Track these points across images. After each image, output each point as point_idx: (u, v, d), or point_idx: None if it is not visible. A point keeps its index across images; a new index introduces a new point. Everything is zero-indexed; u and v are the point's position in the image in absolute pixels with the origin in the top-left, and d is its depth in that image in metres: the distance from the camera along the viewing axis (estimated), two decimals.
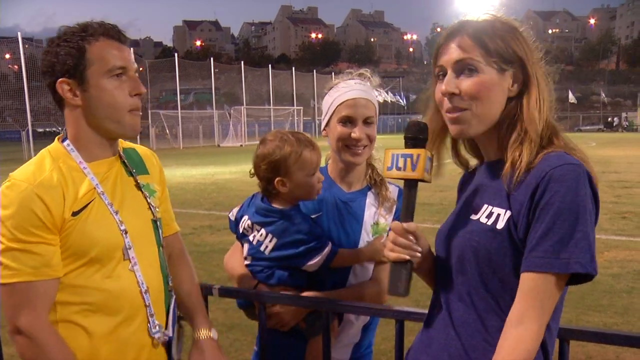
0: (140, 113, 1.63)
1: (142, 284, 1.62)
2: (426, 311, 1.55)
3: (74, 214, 1.52)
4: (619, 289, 5.71)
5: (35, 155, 1.64)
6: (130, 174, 1.71)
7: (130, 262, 1.60)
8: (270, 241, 1.88)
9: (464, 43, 1.33)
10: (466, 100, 1.33)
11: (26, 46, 31.55)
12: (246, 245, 1.98)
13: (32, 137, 28.97)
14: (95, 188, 1.57)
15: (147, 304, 1.62)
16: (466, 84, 1.32)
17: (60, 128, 34.57)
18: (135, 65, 1.62)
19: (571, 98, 59.58)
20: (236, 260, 2.04)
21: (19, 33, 30.01)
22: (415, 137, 1.38)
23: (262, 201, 1.95)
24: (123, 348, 1.60)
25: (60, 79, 1.54)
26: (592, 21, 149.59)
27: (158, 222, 1.74)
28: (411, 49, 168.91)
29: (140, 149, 1.83)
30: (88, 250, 1.53)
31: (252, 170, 1.94)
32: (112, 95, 1.55)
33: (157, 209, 1.74)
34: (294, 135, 1.91)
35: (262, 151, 1.88)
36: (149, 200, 1.72)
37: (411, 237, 1.37)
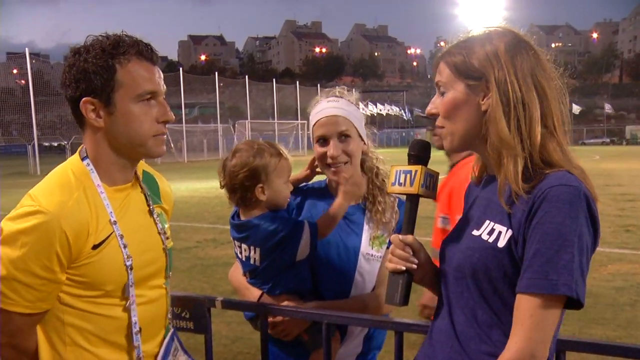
0: (165, 138, 1.57)
1: (135, 324, 1.53)
2: (425, 323, 1.57)
3: (94, 247, 1.45)
4: (622, 302, 5.70)
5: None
6: (146, 199, 1.64)
7: (128, 300, 1.51)
8: (255, 252, 1.90)
9: (440, 67, 1.42)
10: (441, 119, 1.42)
11: (33, 61, 31.84)
12: (239, 263, 2.01)
13: (37, 151, 29.10)
14: (110, 217, 1.49)
15: (136, 345, 1.54)
16: (439, 104, 1.41)
17: (65, 142, 34.75)
18: (165, 88, 1.54)
19: (575, 109, 59.69)
20: (239, 275, 2.07)
21: (26, 49, 30.33)
22: (417, 155, 1.46)
23: (232, 219, 1.98)
24: None
25: (85, 98, 1.44)
26: (594, 35, 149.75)
27: (167, 252, 1.66)
28: (415, 63, 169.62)
29: (159, 178, 1.77)
30: (104, 285, 1.48)
31: (224, 181, 1.92)
32: (138, 121, 1.47)
33: (167, 239, 1.67)
34: (269, 144, 1.95)
35: (239, 160, 1.88)
36: (159, 228, 1.64)
37: (408, 249, 1.44)
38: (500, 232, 1.30)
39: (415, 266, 1.44)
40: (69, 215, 1.40)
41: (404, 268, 1.42)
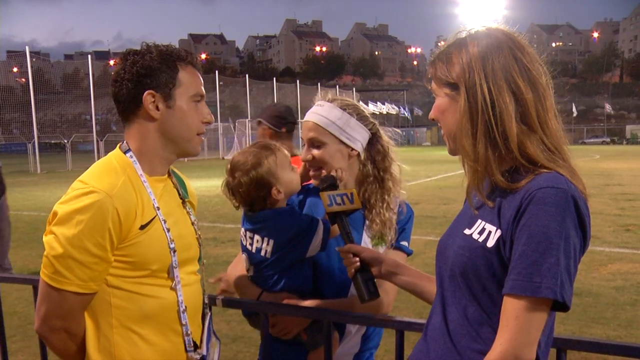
0: (203, 140, 1.75)
1: (181, 303, 1.65)
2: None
3: (142, 227, 1.56)
4: (623, 302, 5.72)
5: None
6: (178, 193, 1.79)
7: (174, 280, 1.63)
8: (267, 244, 1.92)
9: (432, 74, 1.45)
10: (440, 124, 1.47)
11: (33, 59, 31.84)
12: (246, 256, 2.01)
13: (38, 150, 29.12)
14: (153, 203, 1.62)
15: (184, 323, 1.66)
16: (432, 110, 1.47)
17: (65, 140, 34.75)
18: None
19: (573, 110, 60.17)
20: (239, 271, 2.07)
21: (26, 47, 30.32)
22: (330, 184, 1.81)
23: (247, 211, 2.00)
24: None
25: (149, 91, 1.59)
26: (595, 34, 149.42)
27: (200, 241, 1.81)
28: (415, 62, 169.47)
29: (185, 178, 1.92)
30: (150, 264, 1.58)
31: (238, 201, 1.96)
32: (190, 117, 1.65)
33: (198, 229, 1.82)
34: (257, 148, 1.97)
35: (243, 179, 1.91)
36: (192, 219, 1.80)
37: (349, 255, 1.70)
38: (490, 232, 1.31)
39: (358, 263, 1.67)
40: (119, 195, 1.52)
41: (353, 270, 1.67)
